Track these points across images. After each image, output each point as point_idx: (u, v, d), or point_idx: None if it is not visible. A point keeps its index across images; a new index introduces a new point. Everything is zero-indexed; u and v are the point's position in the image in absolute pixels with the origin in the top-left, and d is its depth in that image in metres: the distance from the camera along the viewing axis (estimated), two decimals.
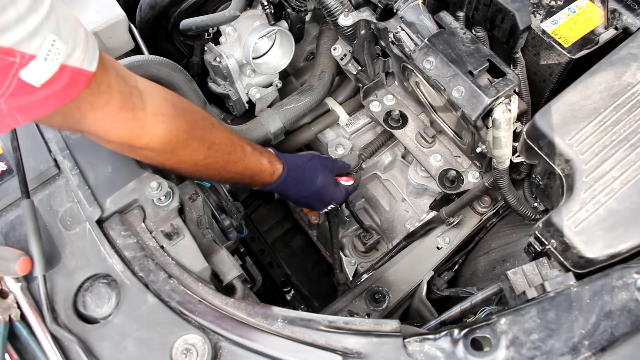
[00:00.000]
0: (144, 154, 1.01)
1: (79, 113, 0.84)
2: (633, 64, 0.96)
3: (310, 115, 1.61)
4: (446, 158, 1.41)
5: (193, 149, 1.06)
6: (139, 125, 0.93)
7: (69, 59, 0.73)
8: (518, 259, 1.22)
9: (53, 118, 0.82)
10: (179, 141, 1.01)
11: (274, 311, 0.90)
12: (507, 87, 1.01)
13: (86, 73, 0.77)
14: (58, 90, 0.73)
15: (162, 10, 1.51)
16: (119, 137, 0.93)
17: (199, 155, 1.08)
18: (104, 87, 0.85)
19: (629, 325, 0.78)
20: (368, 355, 0.83)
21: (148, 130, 0.95)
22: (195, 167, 1.10)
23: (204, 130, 1.09)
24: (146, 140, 0.96)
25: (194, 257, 0.99)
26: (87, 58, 0.76)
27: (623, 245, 0.84)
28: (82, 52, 0.75)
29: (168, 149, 1.00)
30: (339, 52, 1.43)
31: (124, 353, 0.88)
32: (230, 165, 1.17)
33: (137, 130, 0.94)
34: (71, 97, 0.76)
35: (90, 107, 0.84)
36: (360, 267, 1.69)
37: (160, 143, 0.98)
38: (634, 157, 0.89)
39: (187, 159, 1.06)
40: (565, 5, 1.12)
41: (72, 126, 0.89)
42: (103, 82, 0.84)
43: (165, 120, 0.97)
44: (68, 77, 0.74)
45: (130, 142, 0.95)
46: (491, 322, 0.82)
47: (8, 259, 0.89)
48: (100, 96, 0.85)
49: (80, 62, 0.75)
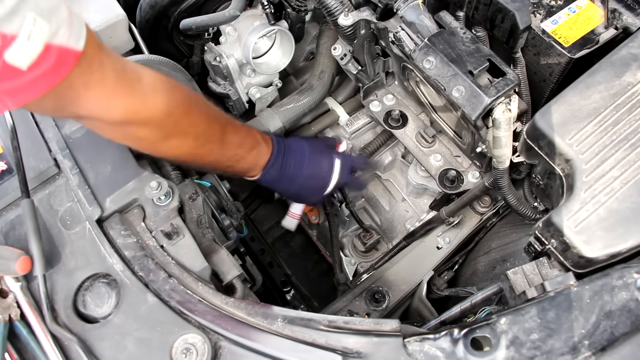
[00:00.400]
0: (147, 134, 0.97)
1: (73, 93, 0.81)
2: (633, 64, 0.96)
3: (310, 115, 1.61)
4: (446, 158, 1.41)
5: (195, 119, 1.03)
6: (138, 97, 0.90)
7: (53, 37, 0.70)
8: (518, 259, 1.22)
9: (45, 102, 0.79)
10: (181, 110, 0.99)
11: (274, 311, 0.90)
12: (507, 87, 1.01)
13: (73, 52, 0.74)
14: (46, 72, 0.71)
15: (162, 10, 1.51)
16: (119, 113, 0.89)
17: (200, 125, 1.05)
18: (95, 64, 0.82)
19: (629, 325, 0.78)
20: (368, 354, 0.83)
21: (148, 101, 0.92)
22: (199, 141, 1.06)
23: (201, 101, 1.08)
24: (148, 112, 0.93)
25: (194, 257, 0.99)
26: (72, 36, 0.73)
27: (623, 245, 0.84)
28: (66, 30, 0.72)
29: (170, 120, 0.97)
30: (339, 52, 1.43)
31: (124, 353, 0.88)
32: (230, 135, 1.13)
33: (137, 103, 0.90)
34: (61, 77, 0.74)
35: (84, 85, 0.81)
36: (360, 266, 1.69)
37: (162, 113, 0.94)
38: (634, 156, 0.89)
39: (190, 129, 1.03)
40: (565, 5, 1.12)
41: (66, 109, 0.85)
42: (94, 59, 0.81)
43: (164, 90, 0.95)
44: (55, 57, 0.71)
45: (133, 117, 0.91)
46: (491, 322, 0.82)
47: (8, 258, 0.89)
48: (93, 74, 0.81)
49: (66, 40, 0.72)
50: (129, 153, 1.08)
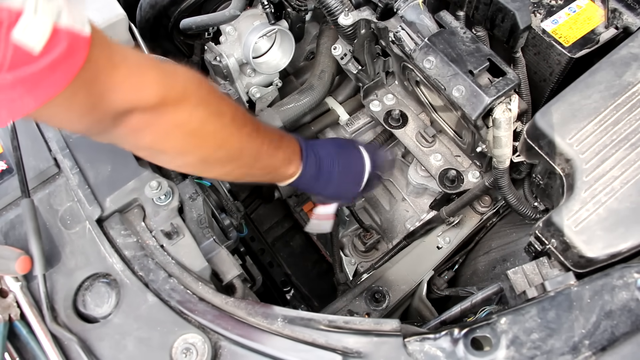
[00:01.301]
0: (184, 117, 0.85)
1: (103, 75, 0.72)
2: (633, 64, 0.96)
3: (310, 114, 1.61)
4: (446, 157, 1.41)
5: (220, 98, 0.92)
6: (166, 70, 0.82)
7: (59, 17, 0.62)
8: (518, 259, 1.22)
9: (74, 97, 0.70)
10: (208, 88, 0.89)
11: (274, 310, 0.90)
12: (507, 87, 1.01)
13: (83, 37, 0.66)
14: (61, 56, 0.63)
15: (163, 10, 1.51)
16: (157, 88, 0.79)
17: (229, 104, 0.94)
18: (113, 45, 0.75)
19: (630, 324, 0.78)
20: (368, 354, 0.83)
21: (178, 73, 0.84)
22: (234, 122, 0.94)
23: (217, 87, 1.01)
24: (182, 85, 0.84)
25: (194, 257, 0.99)
26: (76, 19, 0.65)
27: (623, 244, 0.84)
28: (68, 13, 0.64)
29: (202, 96, 0.87)
30: (339, 52, 1.43)
31: (124, 352, 0.88)
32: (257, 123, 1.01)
33: (169, 74, 0.82)
34: (79, 63, 0.66)
35: (111, 65, 0.73)
36: (360, 266, 1.69)
37: (196, 87, 0.86)
38: (634, 156, 0.89)
39: (223, 108, 0.92)
40: (566, 4, 1.12)
41: (99, 105, 0.75)
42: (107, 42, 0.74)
43: (184, 69, 0.87)
44: (66, 40, 0.63)
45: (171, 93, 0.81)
46: (491, 322, 0.82)
47: (8, 258, 0.89)
48: (114, 53, 0.74)
49: (72, 22, 0.64)
50: (129, 152, 1.08)
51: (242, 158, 0.99)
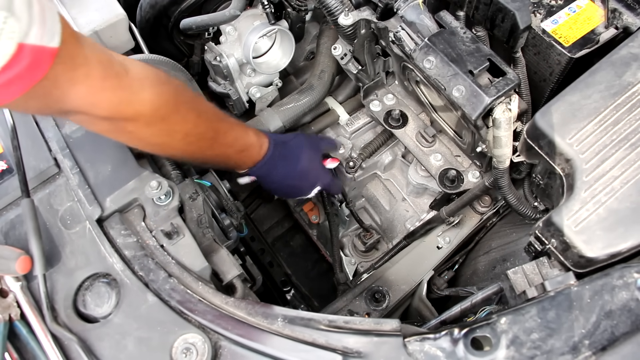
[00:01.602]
0: (135, 129, 0.95)
1: (58, 91, 0.78)
2: (633, 64, 0.96)
3: (310, 114, 1.61)
4: (446, 157, 1.41)
5: (184, 115, 1.01)
6: (126, 91, 0.88)
7: (26, 37, 0.67)
8: (518, 259, 1.22)
9: (29, 102, 0.77)
10: (169, 106, 0.96)
11: (274, 310, 0.90)
12: (507, 87, 1.01)
13: (49, 50, 0.71)
14: (21, 73, 0.68)
15: (163, 10, 1.51)
16: (107, 108, 0.87)
17: (189, 122, 1.02)
18: (80, 59, 0.79)
19: (630, 324, 0.78)
20: (368, 354, 0.83)
21: (137, 95, 0.89)
22: (188, 139, 1.04)
23: (190, 96, 1.05)
24: (136, 107, 0.90)
25: (194, 257, 0.99)
26: (46, 34, 0.70)
27: (623, 244, 0.84)
28: (39, 28, 0.69)
29: (159, 115, 0.95)
30: (339, 52, 1.43)
31: (124, 352, 0.88)
32: (221, 135, 1.12)
33: (125, 97, 0.88)
34: (37, 78, 0.71)
35: (70, 82, 0.79)
36: (360, 266, 1.69)
37: (150, 108, 0.92)
38: (634, 156, 0.89)
39: (179, 127, 1.01)
40: (566, 4, 1.12)
41: (53, 107, 0.83)
42: (78, 54, 0.79)
43: (152, 84, 0.92)
44: (29, 57, 0.68)
45: (120, 113, 0.89)
46: (491, 322, 0.82)
47: (8, 258, 0.89)
48: (78, 69, 0.79)
49: (40, 38, 0.69)
50: (129, 152, 1.08)
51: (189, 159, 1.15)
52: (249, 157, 1.23)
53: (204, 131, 1.08)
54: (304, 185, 1.40)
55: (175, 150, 1.09)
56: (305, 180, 1.38)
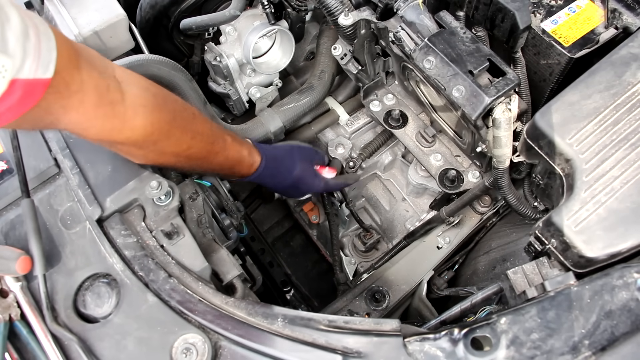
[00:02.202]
0: (125, 149, 0.97)
1: (51, 117, 0.79)
2: (633, 64, 0.96)
3: (310, 114, 1.61)
4: (446, 157, 1.41)
5: (176, 140, 1.02)
6: (118, 119, 0.88)
7: (19, 72, 0.67)
8: (518, 259, 1.22)
9: (21, 124, 0.78)
10: (162, 132, 0.97)
11: (274, 310, 0.90)
12: (507, 87, 1.01)
13: (42, 82, 0.71)
14: (12, 105, 0.69)
15: (163, 10, 1.51)
16: (97, 134, 0.88)
17: (182, 145, 1.04)
18: (75, 86, 0.79)
19: (629, 324, 0.78)
20: (368, 354, 0.83)
21: (128, 123, 0.90)
22: (178, 159, 1.06)
23: (186, 120, 1.05)
24: (127, 135, 0.91)
25: (194, 257, 0.99)
26: (40, 65, 0.70)
27: (623, 244, 0.84)
28: (33, 61, 0.69)
29: (150, 140, 0.96)
30: (339, 52, 1.43)
31: (124, 352, 0.88)
32: (212, 155, 1.14)
33: (117, 126, 0.88)
34: (27, 107, 0.71)
35: (63, 110, 0.79)
36: (360, 266, 1.69)
37: (141, 136, 0.93)
38: (634, 156, 0.89)
39: (170, 150, 1.02)
40: (565, 4, 1.12)
41: (45, 127, 0.86)
42: (73, 81, 0.78)
43: (147, 112, 0.92)
44: (21, 91, 0.68)
45: (111, 138, 0.90)
46: (491, 322, 0.82)
47: (8, 258, 0.89)
48: (72, 97, 0.79)
49: (34, 72, 0.69)
50: None
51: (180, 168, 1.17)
52: (238, 173, 1.26)
53: (196, 152, 1.09)
54: (294, 193, 1.46)
55: (166, 165, 1.12)
56: (296, 190, 1.42)
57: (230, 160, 1.20)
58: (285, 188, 1.39)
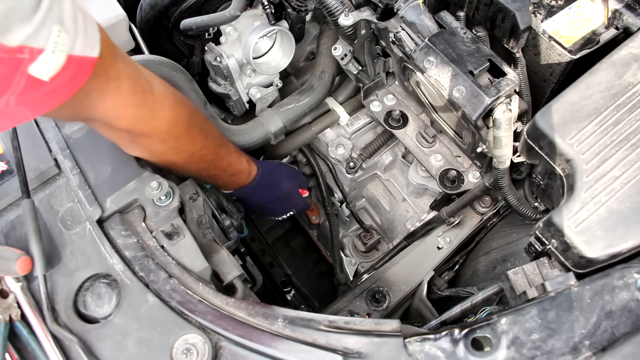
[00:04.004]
0: (148, 143, 1.00)
1: (89, 102, 0.83)
2: (634, 64, 0.96)
3: (310, 115, 1.61)
4: (447, 158, 1.41)
5: (194, 137, 1.06)
6: (148, 108, 0.92)
7: (73, 48, 0.70)
8: (519, 259, 1.22)
9: (62, 110, 0.79)
10: (183, 126, 1.01)
11: (275, 311, 0.90)
12: (507, 87, 1.01)
13: (90, 60, 0.75)
14: (65, 81, 0.72)
15: (163, 10, 1.51)
16: (129, 122, 0.91)
17: (197, 144, 1.08)
18: (113, 73, 0.83)
19: (630, 325, 0.78)
20: (368, 355, 0.83)
21: (157, 113, 0.94)
22: (191, 159, 1.10)
23: (202, 119, 1.10)
24: (154, 124, 0.95)
25: (195, 257, 0.99)
26: (88, 44, 0.74)
27: (624, 245, 0.84)
28: (82, 39, 0.72)
29: (173, 134, 1.00)
30: (340, 52, 1.43)
31: (125, 353, 0.88)
32: (219, 159, 1.18)
33: (146, 114, 0.93)
34: (78, 86, 0.75)
35: (100, 95, 0.83)
36: (360, 267, 1.70)
37: (166, 127, 0.97)
38: (634, 156, 0.89)
39: (187, 147, 1.07)
40: (566, 5, 1.12)
41: (80, 115, 0.88)
42: (112, 68, 0.83)
43: (172, 105, 0.97)
44: (74, 67, 0.72)
45: (139, 127, 0.94)
46: (492, 322, 0.82)
47: (8, 258, 0.89)
48: (110, 83, 0.83)
49: (83, 49, 0.73)
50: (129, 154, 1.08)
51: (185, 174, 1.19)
52: (237, 181, 1.30)
53: (207, 153, 1.14)
54: (279, 209, 1.52)
55: (177, 168, 1.15)
56: (281, 206, 1.51)
57: (232, 166, 1.24)
58: (272, 202, 1.45)
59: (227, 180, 1.28)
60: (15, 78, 0.65)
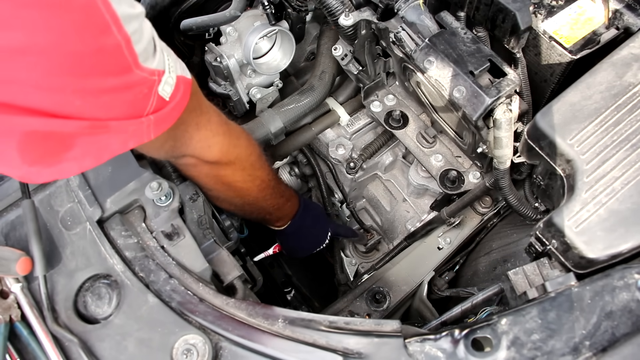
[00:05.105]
0: (230, 173, 1.07)
1: (187, 134, 0.92)
2: (634, 64, 0.96)
3: (311, 115, 1.61)
4: (447, 158, 1.41)
5: (263, 162, 1.15)
6: (233, 136, 1.02)
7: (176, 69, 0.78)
8: (519, 259, 1.22)
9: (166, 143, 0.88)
10: (256, 153, 1.11)
11: (275, 311, 0.90)
12: (508, 87, 1.01)
13: (188, 80, 0.82)
14: (178, 100, 0.78)
15: (163, 10, 1.51)
16: (218, 151, 0.99)
17: (265, 169, 1.17)
18: (205, 107, 0.93)
19: (630, 325, 0.78)
20: (369, 355, 0.83)
21: (239, 140, 1.03)
22: (262, 185, 1.18)
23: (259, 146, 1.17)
24: (238, 151, 1.04)
25: (195, 258, 0.99)
26: (180, 66, 0.81)
27: (624, 245, 0.84)
28: (177, 62, 0.80)
29: (250, 160, 1.09)
30: (340, 52, 1.43)
31: (125, 353, 0.88)
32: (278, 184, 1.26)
33: (232, 142, 1.02)
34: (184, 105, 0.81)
35: (196, 126, 0.92)
36: (361, 267, 1.69)
37: (246, 153, 1.06)
38: (635, 157, 0.89)
39: (259, 173, 1.15)
40: (567, 5, 1.12)
41: (179, 149, 0.94)
42: (203, 102, 0.93)
43: (244, 134, 1.06)
44: (182, 86, 0.79)
45: (226, 156, 1.02)
46: (492, 323, 0.82)
47: (9, 259, 0.89)
48: (203, 115, 0.93)
49: (182, 70, 0.81)
50: (129, 154, 1.08)
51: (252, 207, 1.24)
52: (292, 206, 1.37)
53: (271, 179, 1.21)
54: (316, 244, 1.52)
55: (248, 197, 1.20)
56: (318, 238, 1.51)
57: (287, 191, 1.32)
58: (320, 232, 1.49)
59: (282, 210, 1.34)
60: (151, 98, 0.72)
